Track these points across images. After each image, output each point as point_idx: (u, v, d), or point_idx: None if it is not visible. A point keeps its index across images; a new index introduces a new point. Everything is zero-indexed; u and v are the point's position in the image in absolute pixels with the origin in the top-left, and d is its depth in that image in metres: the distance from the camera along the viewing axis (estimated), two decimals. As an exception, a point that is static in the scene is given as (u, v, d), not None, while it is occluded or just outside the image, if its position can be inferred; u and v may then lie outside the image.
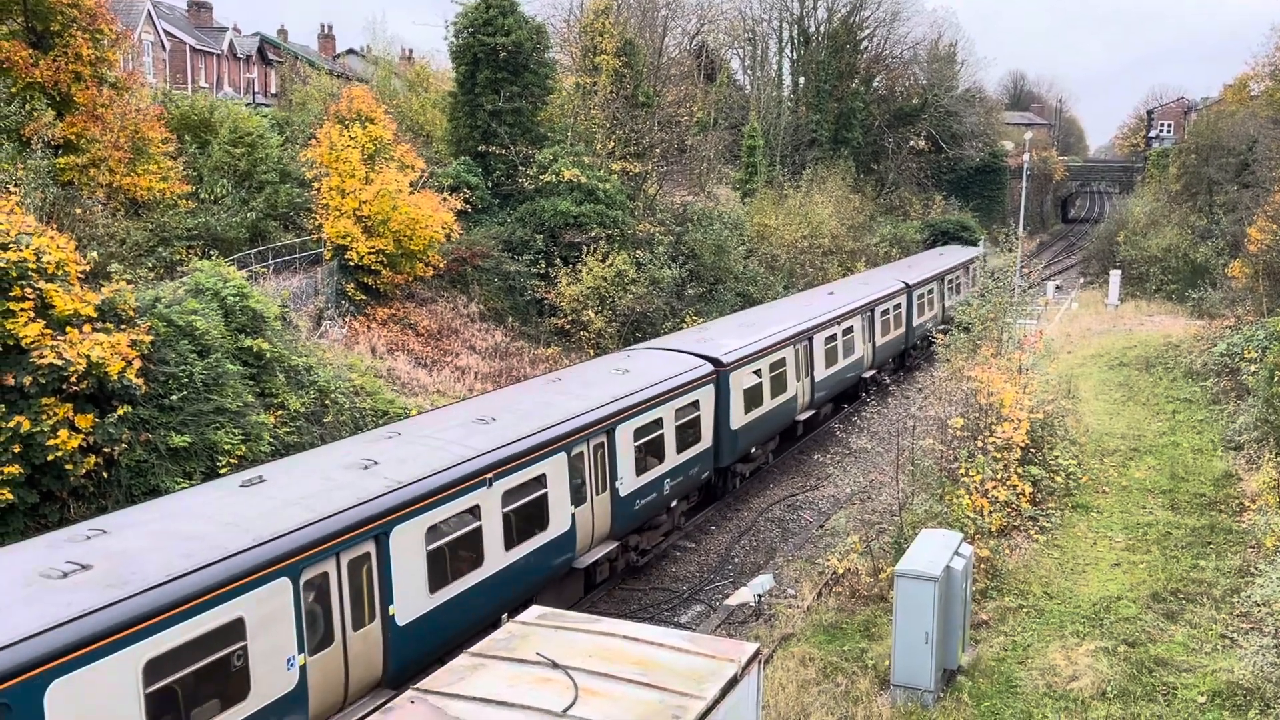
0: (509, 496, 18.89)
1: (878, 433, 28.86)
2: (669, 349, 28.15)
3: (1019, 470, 24.17)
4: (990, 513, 22.22)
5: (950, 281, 52.56)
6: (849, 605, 20.78)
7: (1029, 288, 39.96)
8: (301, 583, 14.34)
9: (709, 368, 26.79)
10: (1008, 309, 33.00)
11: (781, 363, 31.25)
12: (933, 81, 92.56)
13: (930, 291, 48.68)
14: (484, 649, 12.11)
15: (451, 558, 17.56)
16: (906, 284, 45.06)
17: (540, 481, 19.81)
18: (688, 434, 25.52)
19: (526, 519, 19.48)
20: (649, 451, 23.81)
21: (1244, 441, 28.72)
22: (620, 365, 25.80)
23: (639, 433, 23.25)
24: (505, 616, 17.45)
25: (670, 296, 46.20)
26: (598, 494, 21.84)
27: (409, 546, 16.49)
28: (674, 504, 25.63)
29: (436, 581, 17.12)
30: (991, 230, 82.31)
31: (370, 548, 15.79)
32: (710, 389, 26.73)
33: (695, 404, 25.88)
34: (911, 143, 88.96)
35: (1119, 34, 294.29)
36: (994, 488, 22.71)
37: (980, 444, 23.72)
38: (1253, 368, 32.56)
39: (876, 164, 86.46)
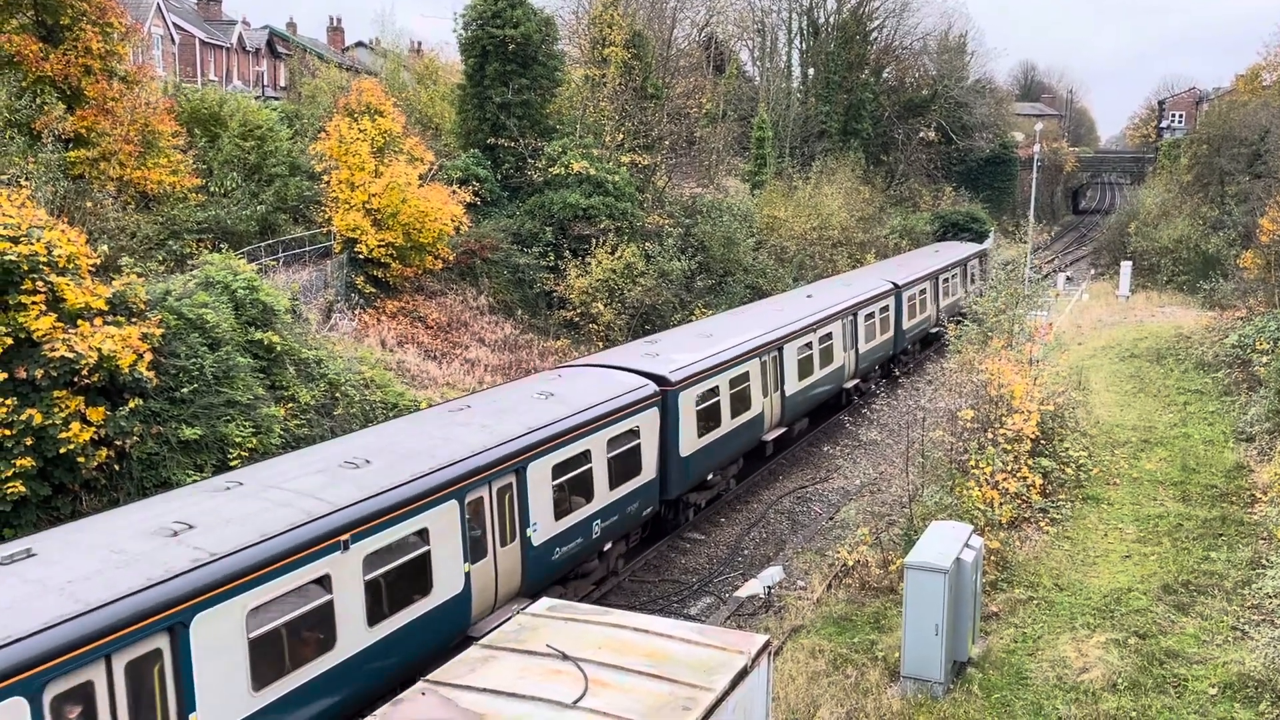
0: (375, 560, 15.62)
1: (888, 425, 28.81)
2: (608, 366, 25.03)
3: (1029, 462, 24.12)
4: (1000, 505, 22.19)
5: (946, 280, 49.48)
6: (859, 597, 20.79)
7: (1041, 279, 39.86)
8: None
9: (652, 388, 23.85)
10: (1018, 300, 32.91)
11: (745, 377, 28.38)
12: (943, 72, 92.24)
13: (922, 292, 45.48)
14: (495, 641, 12.15)
15: (288, 645, 14.22)
16: (895, 284, 41.95)
17: (422, 537, 16.62)
18: (625, 465, 22.47)
19: (401, 585, 16.24)
20: (573, 490, 20.78)
21: (1255, 433, 28.63)
22: (545, 389, 22.37)
23: (560, 469, 20.20)
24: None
25: (679, 289, 46.16)
26: (503, 545, 18.73)
27: (220, 638, 13.10)
28: (608, 547, 22.51)
29: (261, 679, 13.66)
30: (1002, 222, 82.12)
31: (163, 643, 12.48)
32: (654, 412, 23.74)
33: (634, 431, 22.78)
34: (921, 134, 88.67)
35: (1130, 24, 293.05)
36: (1004, 479, 22.67)
37: (990, 436, 23.68)
38: (1264, 359, 32.44)
39: (886, 155, 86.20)
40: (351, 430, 24.94)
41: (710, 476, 27.09)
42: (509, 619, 13.33)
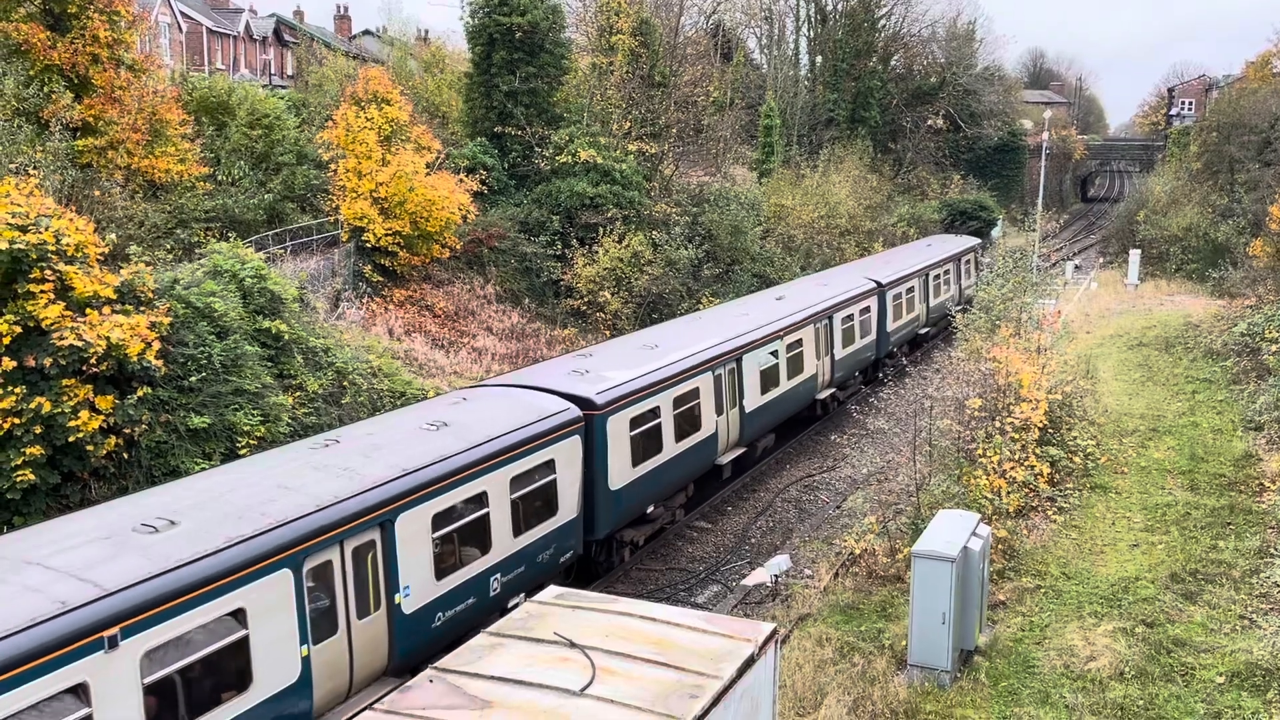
0: (161, 656, 12.38)
1: (895, 414, 28.79)
2: (524, 386, 21.86)
3: (1037, 451, 24.08)
4: (1008, 493, 22.17)
5: (937, 278, 46.40)
6: (866, 586, 20.79)
7: (1049, 267, 39.63)
8: None
9: (574, 412, 20.64)
10: (1026, 289, 32.81)
11: (693, 395, 25.21)
12: (951, 60, 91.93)
13: (910, 291, 42.26)
14: (502, 628, 12.18)
15: None
16: (878, 283, 38.83)
17: (238, 618, 13.28)
18: (535, 506, 19.42)
19: (200, 683, 13.01)
20: (464, 541, 17.66)
21: (1264, 422, 28.55)
22: (439, 416, 19.03)
23: (443, 519, 17.01)
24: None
25: (686, 277, 46.14)
26: (361, 617, 15.53)
27: None
28: (513, 603, 18.70)
29: None
30: (1010, 210, 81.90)
31: None
32: (575, 441, 20.58)
33: (548, 464, 19.66)
34: (929, 122, 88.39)
35: (1140, 11, 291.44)
36: (1012, 468, 22.65)
37: (998, 424, 23.64)
38: (1274, 348, 32.35)
39: (894, 143, 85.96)
40: (359, 419, 25.01)
41: (650, 509, 23.91)
42: (518, 610, 13.35)
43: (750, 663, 11.50)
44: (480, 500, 17.93)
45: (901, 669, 16.99)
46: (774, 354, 29.64)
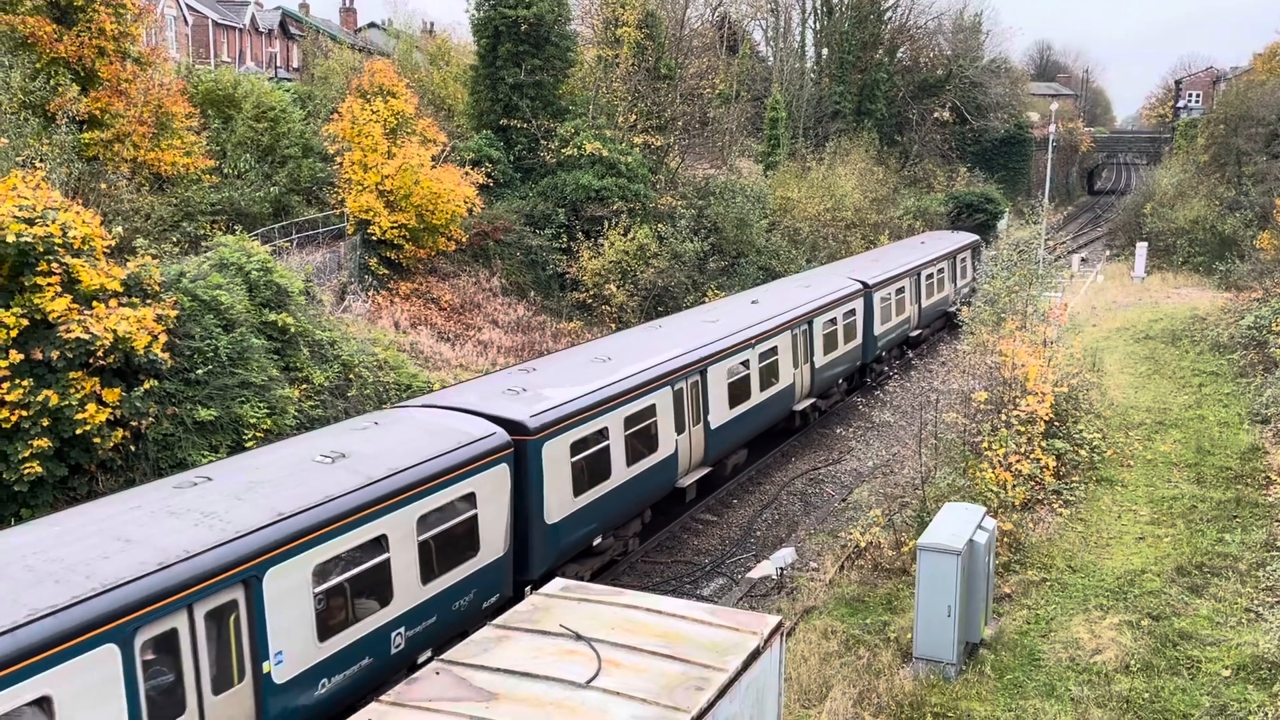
0: None
1: (900, 406, 28.75)
2: (450, 408, 19.50)
3: (1043, 444, 24.08)
4: (1014, 486, 22.15)
5: (930, 277, 44.05)
6: (871, 578, 20.81)
7: (1054, 260, 39.43)
8: None
9: (501, 438, 18.37)
10: (1032, 281, 32.73)
11: (648, 412, 23.03)
12: (957, 52, 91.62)
13: (900, 292, 40.01)
14: (508, 621, 12.21)
15: None
16: (864, 284, 36.53)
17: (44, 710, 11.15)
18: (451, 547, 17.12)
19: None
20: (358, 593, 15.31)
21: (1271, 415, 28.51)
22: (339, 446, 16.73)
23: (328, 569, 14.65)
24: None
25: (692, 270, 46.11)
26: (220, 691, 13.27)
27: None
28: (423, 658, 16.52)
29: None
30: (1017, 202, 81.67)
31: None
32: (502, 470, 18.29)
33: (469, 498, 17.44)
34: (936, 114, 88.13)
35: (1147, 3, 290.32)
36: (1017, 461, 22.64)
37: (1004, 417, 23.63)
38: (1280, 340, 32.28)
39: (900, 136, 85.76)
40: (365, 411, 25.04)
41: (598, 541, 21.61)
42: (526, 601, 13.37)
43: (756, 655, 11.52)
44: (379, 545, 15.55)
45: (907, 662, 17.01)
46: (744, 364, 27.51)
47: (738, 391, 27.14)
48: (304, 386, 25.64)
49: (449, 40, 63.39)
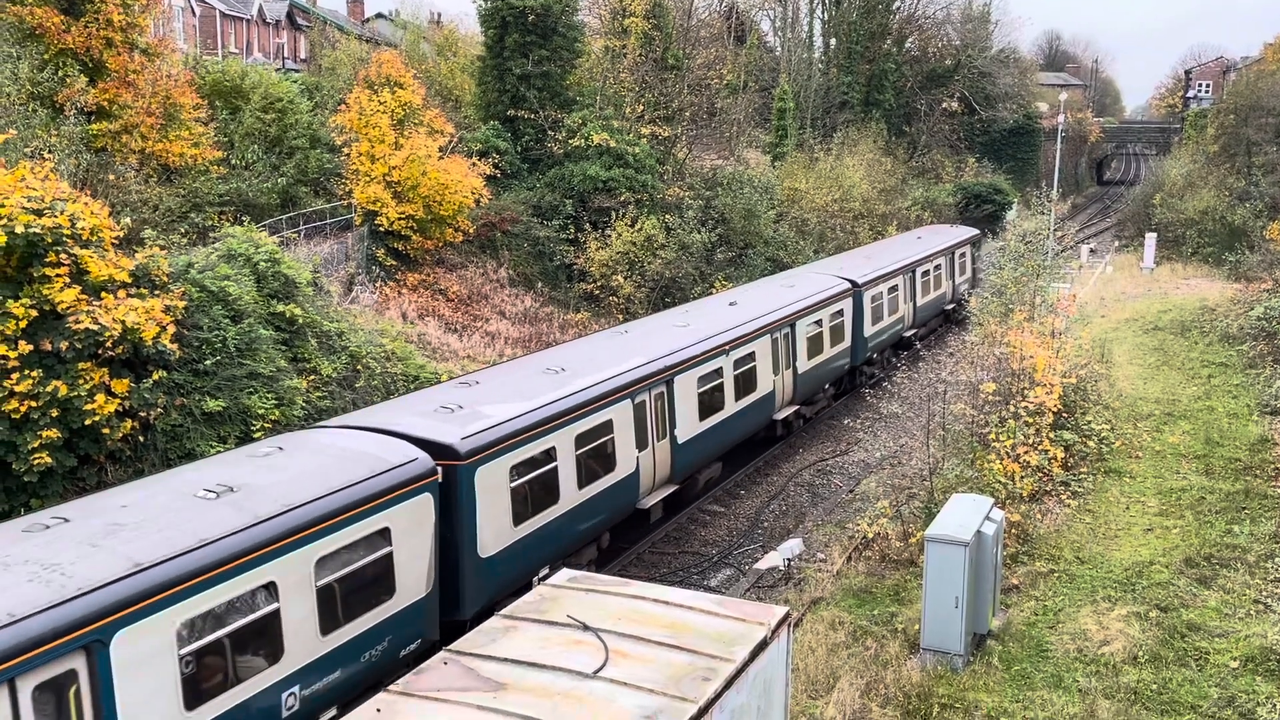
0: None
1: (908, 398, 28.74)
2: (370, 429, 17.65)
3: (1051, 435, 24.03)
4: (1021, 478, 22.13)
5: (926, 275, 42.30)
6: (879, 570, 20.80)
7: (1061, 251, 39.24)
8: None
9: (424, 464, 16.42)
10: (1040, 272, 32.65)
11: (604, 428, 21.11)
12: (966, 42, 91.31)
13: (892, 290, 38.27)
14: (515, 611, 12.24)
15: None
16: (853, 283, 34.81)
17: None
18: (359, 590, 15.10)
19: None
20: (239, 650, 13.29)
21: (1280, 406, 28.43)
22: (227, 479, 14.67)
23: (199, 627, 12.69)
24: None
25: (700, 261, 46.07)
26: None
27: None
28: (326, 717, 14.80)
29: None
30: (1025, 193, 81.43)
31: None
32: (427, 500, 16.34)
33: (382, 534, 15.48)
34: (944, 104, 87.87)
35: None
36: (1025, 453, 22.60)
37: (1012, 409, 23.59)
38: (1290, 332, 32.16)
39: (908, 126, 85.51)
40: (374, 401, 25.08)
41: (544, 573, 19.10)
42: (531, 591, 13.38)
43: (763, 646, 11.53)
44: (267, 593, 13.56)
45: (914, 653, 17.01)
46: (717, 372, 25.60)
47: (710, 402, 25.30)
48: (312, 377, 25.69)
49: (456, 31, 63.31)
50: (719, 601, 12.73)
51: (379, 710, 10.12)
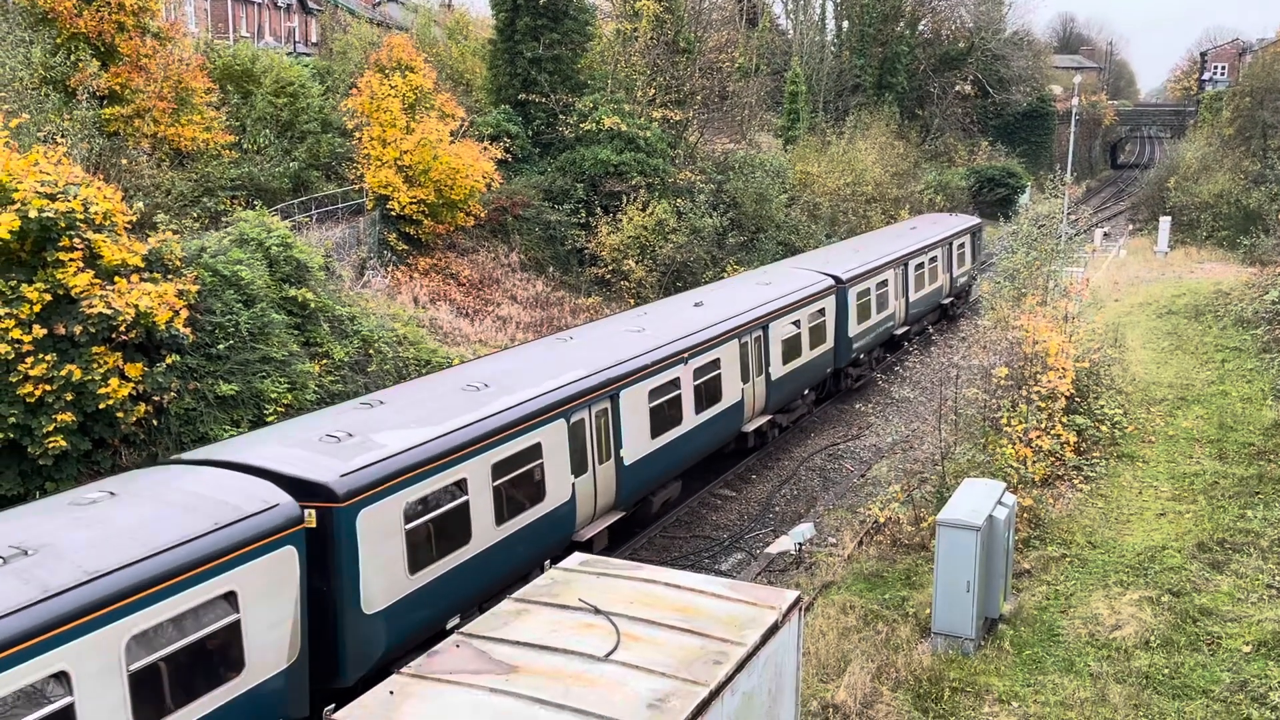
0: None
1: (920, 382, 28.67)
2: (231, 464, 15.11)
3: (1063, 420, 23.98)
4: (1034, 462, 22.09)
5: (920, 267, 39.96)
6: (890, 554, 20.81)
7: (1076, 235, 39.01)
8: None
9: (285, 512, 13.94)
10: (1053, 256, 32.50)
11: (531, 453, 18.65)
12: (979, 24, 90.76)
13: (882, 286, 35.80)
14: (527, 594, 12.28)
15: None
16: (837, 279, 32.35)
17: None
18: (195, 672, 12.74)
19: None
20: None
21: (1295, 391, 28.30)
22: (24, 540, 12.12)
23: None
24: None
25: (711, 245, 45.98)
26: None
27: None
28: None
29: None
30: (1039, 177, 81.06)
31: None
32: (289, 555, 13.86)
33: (227, 599, 13.08)
34: (957, 87, 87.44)
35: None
36: (1038, 437, 22.56)
37: (1024, 393, 23.54)
38: (1305, 316, 31.98)
39: (921, 109, 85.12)
40: (385, 385, 25.12)
41: (453, 623, 16.94)
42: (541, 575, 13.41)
43: (774, 630, 11.55)
44: (58, 684, 11.14)
45: (925, 637, 17.03)
46: (674, 383, 23.26)
47: (664, 417, 22.90)
48: (324, 361, 25.76)
49: (467, 14, 63.12)
50: (730, 585, 12.75)
51: (392, 692, 10.18)
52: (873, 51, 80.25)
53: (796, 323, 29.39)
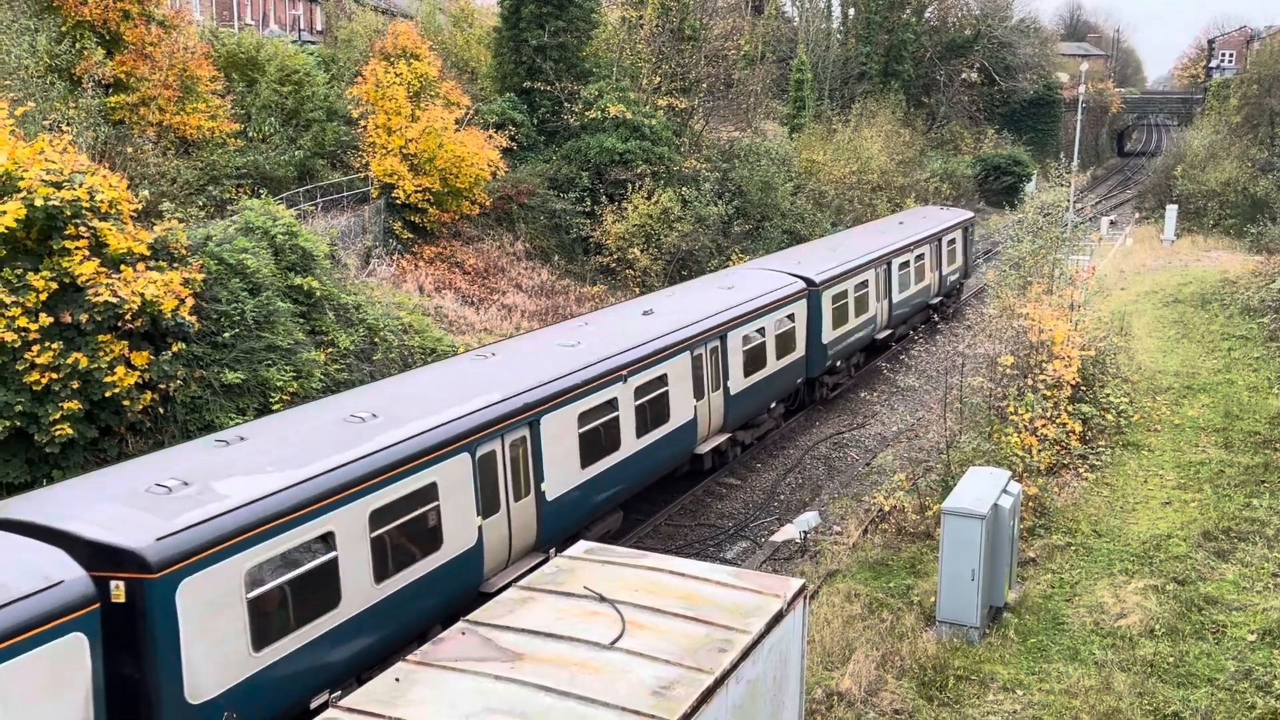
0: None
1: (926, 371, 28.66)
2: (24, 524, 12.48)
3: (1069, 408, 23.97)
4: (1039, 451, 22.09)
5: (905, 265, 37.41)
6: (895, 542, 20.83)
7: (1082, 223, 38.88)
8: None
9: (72, 591, 11.38)
10: (1059, 244, 32.43)
11: (424, 495, 15.96)
12: (986, 11, 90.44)
13: (861, 287, 33.13)
14: (532, 583, 12.30)
15: None
16: (810, 281, 29.75)
17: None
18: None
19: None
20: None
21: (1301, 379, 28.26)
22: None
23: None
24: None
25: (716, 234, 45.94)
26: None
27: None
28: None
29: None
30: (1045, 164, 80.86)
31: None
32: (72, 646, 11.24)
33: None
34: (963, 75, 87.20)
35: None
36: (1043, 426, 22.55)
37: (1030, 382, 23.52)
38: (1312, 304, 31.91)
39: (927, 97, 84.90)
40: (392, 374, 25.13)
41: (324, 698, 14.15)
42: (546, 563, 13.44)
43: (779, 618, 11.57)
44: None
45: (930, 625, 17.05)
46: (610, 404, 20.72)
47: (598, 442, 20.35)
48: (330, 350, 25.78)
49: (472, 2, 62.97)
50: (735, 574, 12.78)
51: (398, 680, 10.21)
52: (878, 39, 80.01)
53: (761, 330, 26.99)
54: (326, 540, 14.31)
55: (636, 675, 10.16)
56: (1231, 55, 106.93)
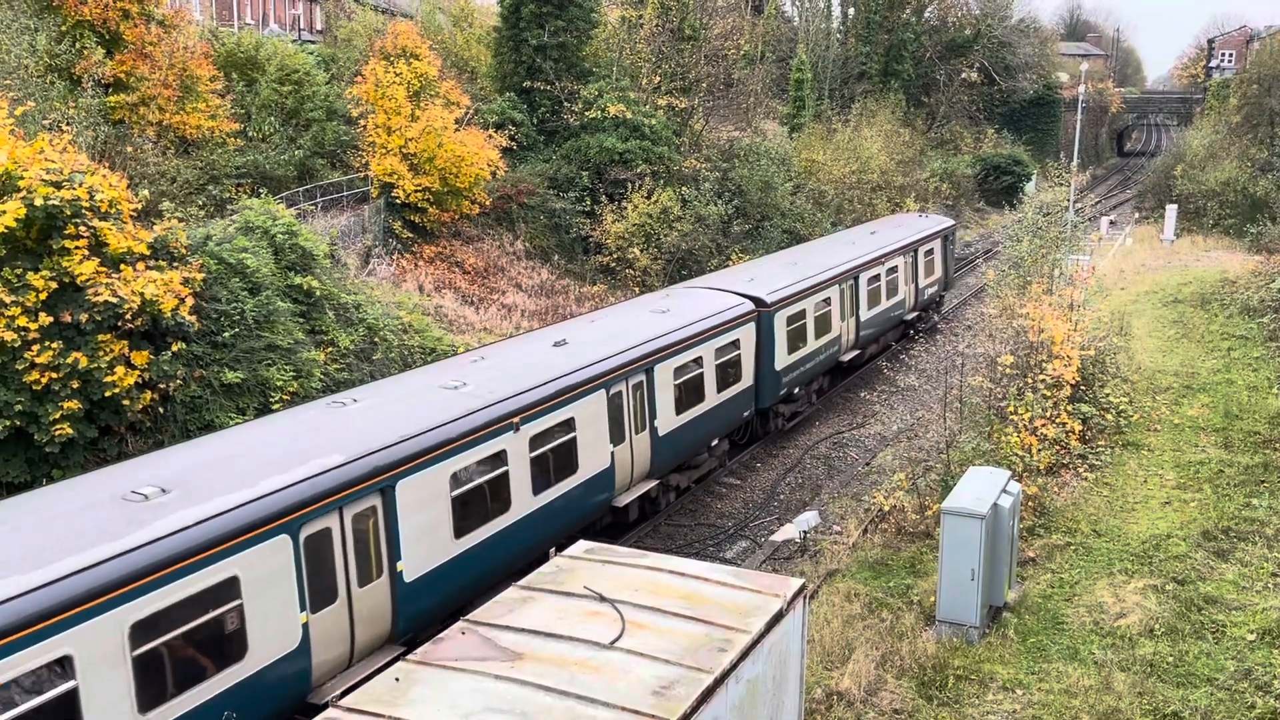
0: None
1: (925, 370, 28.65)
2: None
3: (1069, 408, 23.96)
4: (1039, 450, 22.09)
5: (875, 279, 34.30)
6: (895, 542, 20.83)
7: (1082, 223, 38.84)
8: None
9: None
10: (1059, 244, 32.42)
11: (220, 593, 12.76)
12: (986, 11, 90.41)
13: (824, 305, 30.27)
14: (533, 582, 12.30)
15: None
16: (760, 302, 26.84)
17: None
18: None
19: None
20: None
21: (1301, 379, 28.25)
22: None
23: None
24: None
25: (716, 234, 45.92)
26: None
27: None
28: None
29: None
30: (1045, 164, 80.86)
31: None
32: None
33: None
34: (963, 75, 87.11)
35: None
36: (1043, 425, 22.55)
37: (1030, 381, 23.52)
38: (1312, 304, 31.91)
39: (927, 97, 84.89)
40: (392, 374, 25.12)
41: None
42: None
43: (779, 617, 11.57)
44: None
45: (930, 625, 17.05)
46: (498, 458, 17.49)
47: (478, 506, 17.16)
48: (329, 349, 25.78)
49: (472, 2, 62.98)
50: (735, 573, 12.78)
51: (397, 679, 10.21)
52: (879, 39, 80.00)
53: (699, 360, 23.84)
54: (64, 666, 10.98)
55: (636, 675, 10.16)
56: (1231, 55, 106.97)
